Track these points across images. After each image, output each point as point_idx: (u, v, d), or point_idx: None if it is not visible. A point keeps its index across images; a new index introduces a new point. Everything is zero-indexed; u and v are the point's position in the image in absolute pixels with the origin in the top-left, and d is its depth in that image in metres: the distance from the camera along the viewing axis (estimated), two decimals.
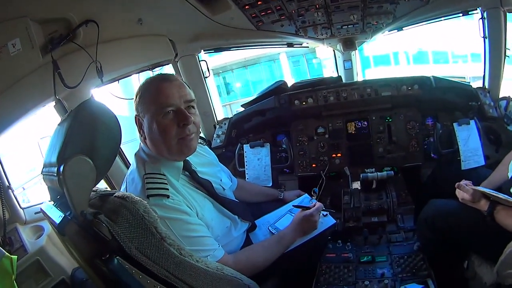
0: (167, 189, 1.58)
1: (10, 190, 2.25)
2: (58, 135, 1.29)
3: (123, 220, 1.22)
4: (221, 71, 17.03)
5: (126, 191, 1.53)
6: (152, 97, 1.62)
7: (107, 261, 1.12)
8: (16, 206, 2.31)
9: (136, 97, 1.68)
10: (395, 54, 15.61)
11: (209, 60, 3.24)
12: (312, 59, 16.70)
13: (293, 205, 2.10)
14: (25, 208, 2.36)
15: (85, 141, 1.22)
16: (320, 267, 2.22)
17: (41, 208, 1.53)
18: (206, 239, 1.62)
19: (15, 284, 1.65)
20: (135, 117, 1.69)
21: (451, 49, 13.48)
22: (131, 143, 1.95)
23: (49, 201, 1.49)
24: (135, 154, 1.75)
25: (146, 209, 1.29)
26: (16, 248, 2.17)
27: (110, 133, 1.29)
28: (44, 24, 1.93)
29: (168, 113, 1.61)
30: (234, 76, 17.80)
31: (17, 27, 1.78)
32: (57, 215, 1.29)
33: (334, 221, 2.09)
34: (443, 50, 13.95)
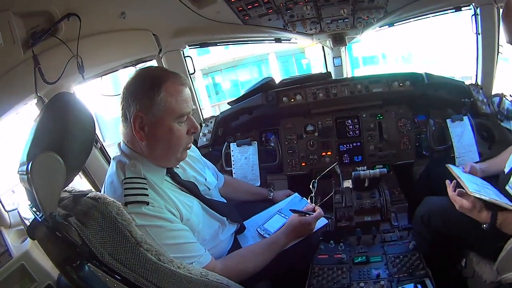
0: (147, 194, 1.46)
1: None
2: (31, 132, 1.19)
3: (94, 223, 1.11)
4: (210, 72, 16.99)
5: None
6: (174, 101, 1.50)
7: (78, 268, 1.02)
8: (0, 209, 2.17)
9: (142, 92, 1.48)
10: (383, 55, 15.79)
11: (198, 60, 3.19)
12: (301, 60, 16.77)
13: (290, 209, 1.99)
14: (10, 211, 2.22)
15: (55, 136, 1.12)
16: (313, 269, 2.15)
17: (17, 210, 1.43)
18: (191, 245, 1.52)
19: None
20: (136, 114, 1.47)
21: (439, 48, 13.62)
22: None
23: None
24: (114, 158, 1.61)
25: (119, 211, 1.19)
26: (0, 252, 2.05)
27: (82, 127, 1.19)
28: (26, 18, 1.85)
29: (184, 121, 1.56)
30: (223, 77, 17.77)
31: None
32: (31, 218, 1.18)
33: (326, 221, 2.02)
34: (431, 50, 14.13)
